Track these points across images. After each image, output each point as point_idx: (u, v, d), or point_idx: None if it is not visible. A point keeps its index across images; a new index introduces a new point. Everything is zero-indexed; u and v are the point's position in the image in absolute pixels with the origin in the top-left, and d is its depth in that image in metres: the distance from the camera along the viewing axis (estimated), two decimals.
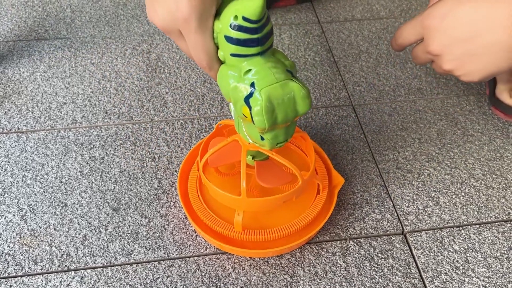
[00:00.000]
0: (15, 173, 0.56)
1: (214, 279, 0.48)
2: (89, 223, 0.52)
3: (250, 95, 0.37)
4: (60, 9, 0.82)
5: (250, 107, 0.37)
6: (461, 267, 0.50)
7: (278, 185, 0.49)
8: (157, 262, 0.49)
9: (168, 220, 0.52)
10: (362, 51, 0.76)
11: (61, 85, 0.68)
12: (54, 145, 0.60)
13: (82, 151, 0.59)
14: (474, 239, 0.52)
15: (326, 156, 0.56)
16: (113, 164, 0.58)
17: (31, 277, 0.47)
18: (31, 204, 0.53)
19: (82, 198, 0.54)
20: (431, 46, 0.47)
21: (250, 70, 0.38)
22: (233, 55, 0.38)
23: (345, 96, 0.68)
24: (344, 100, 0.68)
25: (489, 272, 0.49)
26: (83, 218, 0.52)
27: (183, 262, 0.49)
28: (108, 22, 0.79)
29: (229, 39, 0.37)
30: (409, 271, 0.49)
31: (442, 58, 0.47)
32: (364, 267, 0.49)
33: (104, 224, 0.52)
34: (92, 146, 0.60)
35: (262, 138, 0.41)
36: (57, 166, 0.57)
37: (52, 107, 0.65)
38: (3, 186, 0.55)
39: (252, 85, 0.37)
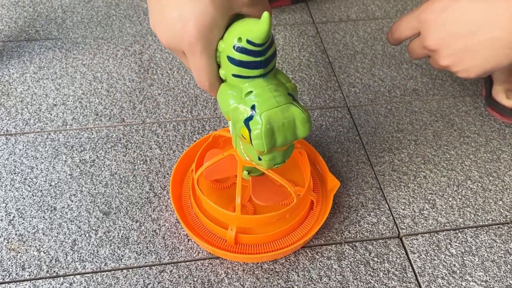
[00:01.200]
0: (3, 176, 0.55)
1: (207, 285, 0.47)
2: (79, 228, 0.51)
3: (250, 117, 0.37)
4: (51, 10, 0.80)
5: (249, 130, 0.37)
6: (458, 271, 0.49)
7: (273, 203, 0.48)
8: (148, 267, 0.48)
9: (159, 224, 0.51)
10: (357, 52, 0.75)
11: (51, 86, 0.67)
12: (43, 148, 0.59)
13: (72, 154, 0.58)
14: (471, 242, 0.51)
15: (321, 159, 0.55)
16: (104, 167, 0.57)
17: (18, 283, 0.46)
18: (19, 208, 0.52)
19: (72, 202, 0.53)
20: (428, 41, 0.46)
21: (251, 91, 0.37)
22: (235, 75, 0.38)
23: (340, 97, 0.67)
24: (339, 102, 0.67)
25: (486, 276, 0.49)
26: (72, 223, 0.51)
27: (175, 267, 0.48)
28: (100, 23, 0.78)
29: (231, 60, 0.37)
30: (405, 275, 0.48)
31: (439, 53, 0.46)
32: (360, 272, 0.48)
33: (94, 228, 0.51)
34: (82, 148, 0.59)
35: (260, 159, 0.41)
36: (47, 169, 0.56)
37: (42, 109, 0.63)
38: None
39: (253, 107, 0.37)
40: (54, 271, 0.47)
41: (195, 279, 0.47)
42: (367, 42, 0.77)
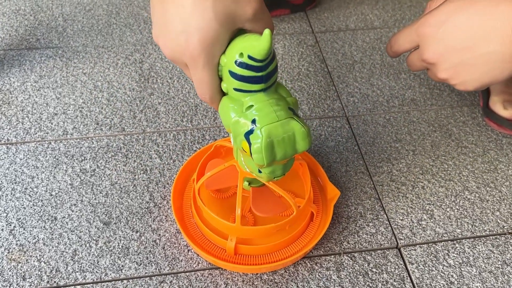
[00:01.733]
0: (4, 186, 0.55)
1: None
2: (79, 238, 0.51)
3: (251, 131, 0.37)
4: (52, 18, 0.81)
5: (250, 143, 0.37)
6: (456, 282, 0.49)
7: (272, 215, 0.49)
8: (148, 278, 0.48)
9: (159, 234, 0.52)
10: (356, 61, 0.76)
11: (52, 95, 0.67)
12: (44, 157, 0.59)
13: (73, 163, 0.58)
14: (469, 253, 0.52)
15: (321, 168, 0.55)
16: (104, 177, 0.57)
17: None
18: (20, 218, 0.52)
19: (73, 211, 0.53)
20: (427, 54, 0.47)
21: (252, 106, 0.38)
22: (236, 89, 0.38)
23: (339, 107, 0.68)
24: (338, 111, 0.67)
25: (483, 286, 0.49)
26: (73, 233, 0.51)
27: (175, 278, 0.48)
28: (100, 31, 0.79)
29: (233, 74, 0.37)
30: (403, 286, 0.49)
31: (438, 66, 0.47)
32: (359, 282, 0.49)
33: (94, 238, 0.51)
34: (83, 158, 0.59)
35: (260, 171, 0.41)
36: (47, 179, 0.56)
37: (42, 118, 0.64)
38: None
39: (254, 121, 0.37)
40: (55, 281, 0.47)
41: None
42: (366, 52, 0.78)
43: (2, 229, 0.51)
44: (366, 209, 0.55)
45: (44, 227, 0.52)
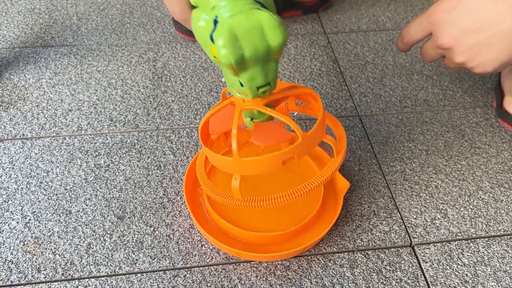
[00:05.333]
0: (20, 180, 0.56)
1: None
2: (94, 231, 0.51)
3: (214, 30, 0.35)
4: (66, 17, 0.82)
5: (214, 43, 0.35)
6: (470, 281, 0.49)
7: (274, 143, 0.45)
8: (162, 272, 0.48)
9: (173, 229, 0.52)
10: (368, 62, 0.76)
11: (66, 92, 0.68)
12: (59, 152, 0.59)
13: (87, 159, 0.59)
14: (483, 252, 0.52)
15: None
16: (118, 172, 0.57)
17: (34, 285, 0.47)
18: (35, 211, 0.53)
19: (87, 205, 0.54)
20: (441, 40, 0.47)
21: (216, 5, 0.35)
22: None
23: (352, 106, 0.68)
24: (351, 111, 0.67)
25: (498, 286, 0.49)
26: (87, 226, 0.52)
27: (189, 272, 0.48)
28: (114, 30, 0.79)
29: None
30: (417, 284, 0.48)
31: (454, 50, 0.47)
32: (372, 280, 0.48)
33: (108, 232, 0.51)
34: (97, 153, 0.59)
35: (242, 85, 0.38)
36: (62, 173, 0.57)
37: (57, 114, 0.64)
38: (7, 193, 0.54)
39: (215, 20, 0.35)
40: (69, 274, 0.48)
41: (209, 284, 0.47)
42: (378, 53, 0.78)
43: (18, 222, 0.52)
44: (379, 207, 0.55)
45: (59, 220, 0.52)
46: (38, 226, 0.51)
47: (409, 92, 0.71)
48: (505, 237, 0.53)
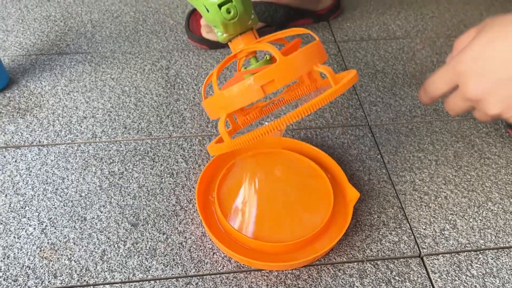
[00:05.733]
0: (36, 186, 0.57)
1: None
2: (108, 238, 0.52)
3: None
4: (81, 24, 0.83)
5: None
6: None
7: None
8: (174, 279, 0.49)
9: (185, 237, 0.53)
10: (378, 71, 0.76)
11: (81, 99, 0.69)
12: (74, 159, 0.61)
13: (102, 166, 0.60)
14: (492, 264, 0.52)
15: (341, 169, 0.56)
16: (132, 179, 0.59)
17: None
18: (51, 217, 0.54)
19: (101, 212, 0.55)
20: (470, 92, 0.45)
21: None
22: None
23: (362, 115, 0.69)
24: (361, 120, 0.68)
25: None
26: (102, 233, 0.53)
27: (201, 280, 0.49)
28: (128, 38, 0.81)
29: None
30: None
31: (486, 102, 0.44)
32: None
33: (122, 239, 0.52)
34: (111, 161, 0.61)
35: (208, 11, 0.40)
36: (77, 180, 0.58)
37: (72, 121, 0.66)
38: (24, 199, 0.56)
39: None
40: (85, 280, 0.49)
41: None
42: (388, 61, 0.78)
43: (35, 228, 0.53)
44: (389, 217, 0.56)
45: (74, 227, 0.53)
46: (54, 232, 0.53)
47: (419, 101, 0.71)
48: None
